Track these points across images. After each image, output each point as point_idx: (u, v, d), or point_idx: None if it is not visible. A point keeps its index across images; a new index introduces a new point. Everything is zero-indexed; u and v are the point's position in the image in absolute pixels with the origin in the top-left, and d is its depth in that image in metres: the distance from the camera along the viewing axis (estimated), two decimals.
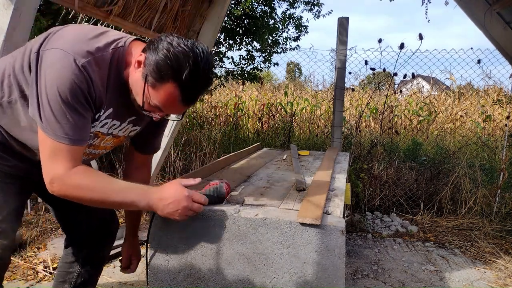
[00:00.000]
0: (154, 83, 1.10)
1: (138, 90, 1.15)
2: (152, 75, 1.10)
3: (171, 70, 1.08)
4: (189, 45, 1.10)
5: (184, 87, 1.10)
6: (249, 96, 7.08)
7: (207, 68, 1.12)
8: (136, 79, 1.15)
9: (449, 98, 7.23)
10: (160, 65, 1.08)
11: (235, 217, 1.31)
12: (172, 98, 1.12)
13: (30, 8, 1.56)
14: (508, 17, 3.04)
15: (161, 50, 1.09)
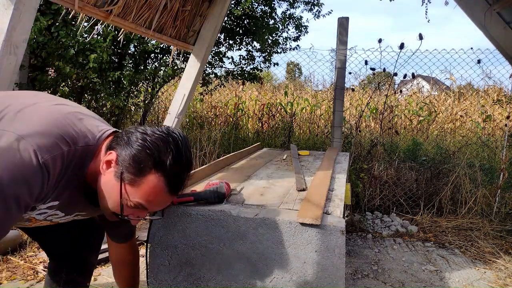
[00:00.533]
0: (133, 179, 0.99)
1: (112, 192, 1.01)
2: (129, 171, 0.98)
3: (152, 160, 0.98)
4: (164, 130, 1.03)
5: (169, 174, 1.00)
6: (249, 96, 7.08)
7: (187, 150, 1.05)
8: (106, 181, 1.01)
9: (449, 98, 7.23)
10: (138, 158, 0.98)
11: (235, 217, 1.31)
12: (157, 190, 1.00)
13: (30, 8, 1.56)
14: (508, 17, 3.04)
15: (135, 142, 0.99)
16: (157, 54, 4.97)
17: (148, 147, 0.98)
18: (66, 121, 1.01)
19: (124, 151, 0.99)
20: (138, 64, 4.71)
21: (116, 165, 1.00)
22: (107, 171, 1.01)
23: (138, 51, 4.63)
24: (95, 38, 3.81)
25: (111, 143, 1.03)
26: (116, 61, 4.45)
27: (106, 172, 1.01)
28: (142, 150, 0.98)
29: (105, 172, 1.01)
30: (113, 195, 1.01)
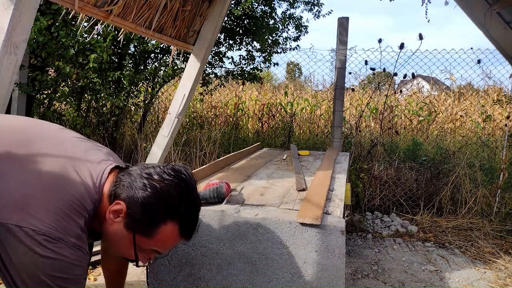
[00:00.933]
0: (146, 230, 0.95)
1: (123, 241, 0.98)
2: (141, 223, 0.94)
3: (165, 210, 0.94)
4: (172, 173, 0.97)
5: (183, 221, 0.97)
6: (249, 96, 7.08)
7: (196, 189, 1.01)
8: (116, 230, 0.97)
9: (449, 98, 7.23)
10: (150, 209, 0.93)
11: (235, 217, 1.31)
12: (172, 238, 0.98)
13: (30, 8, 1.56)
14: (508, 17, 3.04)
15: (145, 190, 0.94)
16: (157, 54, 4.97)
17: (160, 197, 0.94)
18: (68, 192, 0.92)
19: (133, 201, 0.94)
20: (138, 64, 4.71)
21: (125, 216, 0.95)
22: (115, 221, 0.96)
23: (138, 51, 4.63)
24: (95, 38, 3.81)
25: (115, 188, 0.97)
26: (116, 61, 4.45)
27: (114, 222, 0.96)
28: (154, 201, 0.93)
29: (113, 221, 0.96)
30: (123, 244, 0.98)
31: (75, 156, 1.01)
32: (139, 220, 0.94)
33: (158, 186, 0.94)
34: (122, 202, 0.94)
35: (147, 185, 0.94)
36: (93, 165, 1.01)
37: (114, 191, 0.97)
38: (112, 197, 0.97)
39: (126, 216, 0.94)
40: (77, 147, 1.06)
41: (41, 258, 0.82)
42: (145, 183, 0.95)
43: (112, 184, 0.98)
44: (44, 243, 0.82)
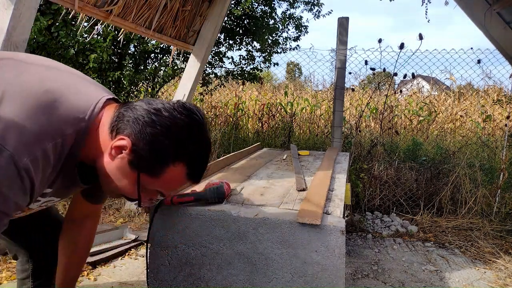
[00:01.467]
0: (152, 169, 0.89)
1: (125, 179, 0.91)
2: (147, 161, 0.87)
3: (174, 150, 0.87)
4: (184, 111, 0.89)
5: (192, 164, 0.91)
6: (249, 96, 7.08)
7: (208, 132, 0.94)
8: (117, 167, 0.90)
9: (449, 98, 7.23)
10: (158, 147, 0.86)
11: (235, 217, 1.31)
12: (178, 180, 0.93)
13: (30, 8, 1.56)
14: (508, 17, 3.04)
15: (154, 127, 0.86)
16: (157, 54, 4.97)
17: (170, 135, 0.86)
18: (48, 105, 0.83)
19: (140, 137, 0.86)
20: (138, 64, 4.72)
21: (130, 153, 0.87)
22: (118, 157, 0.88)
23: (138, 51, 4.63)
24: (95, 38, 3.81)
25: (118, 122, 0.88)
26: (116, 61, 4.46)
27: (117, 158, 0.89)
28: (163, 139, 0.86)
29: (115, 157, 0.89)
30: (126, 182, 0.91)
31: (66, 80, 0.93)
32: (145, 158, 0.87)
33: (168, 123, 0.86)
34: (126, 137, 0.87)
35: (156, 122, 0.86)
36: (87, 91, 0.93)
37: (116, 125, 0.88)
38: (115, 132, 0.88)
39: (131, 153, 0.87)
40: (71, 73, 0.98)
41: None
42: (154, 119, 0.86)
43: (114, 117, 0.89)
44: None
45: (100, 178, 0.95)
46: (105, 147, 0.90)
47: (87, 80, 1.01)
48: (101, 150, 0.90)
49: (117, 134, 0.88)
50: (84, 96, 0.91)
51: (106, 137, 0.90)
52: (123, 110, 0.90)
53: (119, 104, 0.95)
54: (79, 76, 1.00)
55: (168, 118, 0.87)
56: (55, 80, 0.90)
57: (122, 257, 2.62)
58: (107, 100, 0.94)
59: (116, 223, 3.20)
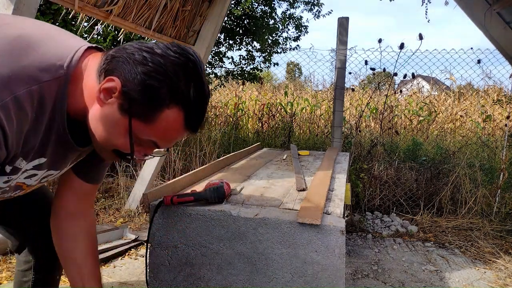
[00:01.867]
0: (146, 114, 0.79)
1: (115, 128, 0.81)
2: (140, 104, 0.78)
3: (170, 92, 0.78)
4: (178, 50, 0.80)
5: (190, 108, 0.82)
6: (249, 96, 7.08)
7: (204, 73, 0.85)
8: (106, 114, 0.80)
9: (449, 98, 7.23)
10: (152, 88, 0.77)
11: (235, 217, 1.31)
12: (175, 127, 0.83)
13: (30, 8, 1.56)
14: (508, 17, 3.04)
15: (145, 66, 0.77)
16: None
17: (164, 74, 0.77)
18: (19, 50, 0.75)
19: (130, 77, 0.77)
20: None
21: (120, 96, 0.78)
22: (107, 102, 0.79)
23: None
24: (95, 38, 3.81)
25: (105, 65, 0.80)
26: None
27: (106, 104, 0.79)
28: (157, 78, 0.77)
29: (104, 103, 0.79)
30: (117, 131, 0.81)
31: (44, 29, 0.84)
32: (137, 100, 0.77)
33: (162, 61, 0.77)
34: (115, 78, 0.77)
35: (148, 59, 0.77)
36: (65, 39, 0.84)
37: (104, 68, 0.79)
38: (103, 75, 0.79)
39: (121, 96, 0.77)
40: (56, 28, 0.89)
41: None
42: (145, 56, 0.77)
43: (102, 61, 0.81)
44: None
45: (91, 133, 0.85)
46: (93, 95, 0.81)
47: (69, 33, 0.91)
48: (89, 99, 0.82)
49: (105, 76, 0.79)
50: (63, 43, 0.83)
51: (94, 83, 0.81)
52: (113, 52, 0.81)
53: (107, 50, 0.86)
54: (61, 29, 0.91)
55: (162, 56, 0.78)
56: (32, 27, 0.82)
57: (122, 257, 2.62)
58: (89, 48, 0.86)
59: (116, 223, 3.20)
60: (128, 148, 0.83)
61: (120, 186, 3.88)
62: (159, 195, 1.44)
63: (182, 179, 1.65)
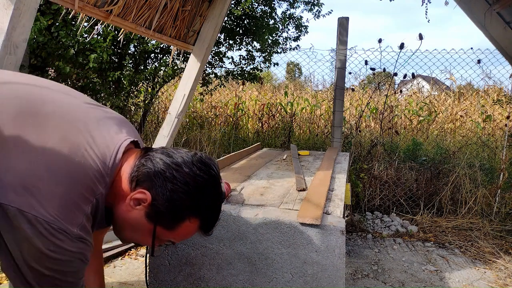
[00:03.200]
0: (168, 224, 0.92)
1: (141, 229, 0.94)
2: (166, 217, 0.90)
3: (193, 208, 0.91)
4: (202, 167, 0.92)
5: (206, 219, 0.95)
6: (249, 96, 7.08)
7: (221, 184, 0.97)
8: (134, 218, 0.92)
9: (449, 98, 7.23)
10: (176, 204, 0.89)
11: (235, 217, 1.31)
12: (192, 232, 0.96)
13: (30, 8, 1.56)
14: (508, 17, 3.04)
15: (175, 184, 0.89)
16: (157, 54, 4.97)
17: (190, 193, 0.89)
18: (75, 171, 0.84)
19: (160, 193, 0.89)
20: (138, 64, 4.72)
21: (148, 206, 0.90)
22: (136, 208, 0.91)
23: (138, 51, 4.63)
24: (95, 38, 3.81)
25: (138, 173, 0.90)
26: (116, 61, 4.46)
27: (134, 209, 0.91)
28: (183, 196, 0.89)
29: (133, 208, 0.91)
30: (141, 232, 0.94)
31: (86, 130, 0.91)
32: (164, 213, 0.90)
33: (189, 181, 0.89)
34: (147, 192, 0.89)
35: (177, 178, 0.89)
36: (106, 140, 0.92)
37: (136, 176, 0.91)
38: (134, 183, 0.90)
39: (149, 207, 0.90)
40: (89, 117, 0.95)
41: (39, 250, 0.77)
42: (175, 175, 0.89)
43: (134, 167, 0.92)
44: (45, 233, 0.76)
45: (115, 222, 0.97)
46: (123, 196, 0.92)
47: (106, 116, 1.00)
48: (119, 196, 0.92)
49: (136, 186, 0.90)
50: (106, 149, 0.91)
51: (126, 186, 0.92)
52: (144, 161, 0.92)
53: (139, 151, 0.97)
54: (97, 112, 0.99)
55: (189, 175, 0.90)
56: (75, 132, 0.89)
57: (122, 257, 2.62)
58: (128, 144, 0.96)
59: None
60: (148, 244, 0.96)
61: None
62: None
63: None
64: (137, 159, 0.93)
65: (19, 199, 0.76)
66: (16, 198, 0.76)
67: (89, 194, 0.85)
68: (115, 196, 0.93)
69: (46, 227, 0.76)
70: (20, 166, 0.79)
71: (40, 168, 0.80)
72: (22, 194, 0.77)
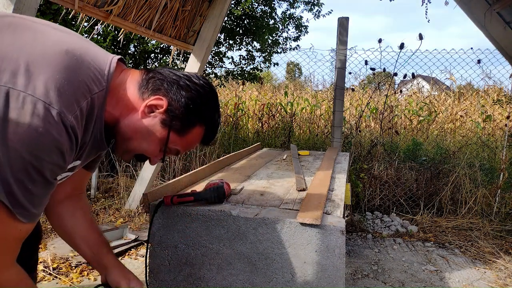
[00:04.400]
0: (181, 129, 0.97)
1: (151, 137, 0.96)
2: (179, 121, 0.96)
3: (203, 114, 0.99)
4: (205, 83, 1.00)
5: (210, 129, 1.02)
6: (249, 96, 7.07)
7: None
8: (146, 125, 0.95)
9: (449, 98, 7.23)
10: (191, 109, 0.96)
11: (235, 217, 1.31)
12: (197, 141, 1.03)
13: (30, 8, 1.56)
14: (508, 17, 3.04)
15: (189, 91, 0.96)
16: (157, 54, 4.97)
17: (202, 100, 0.97)
18: (74, 64, 0.84)
19: (176, 99, 0.94)
20: (138, 64, 4.72)
21: (164, 112, 0.94)
22: (150, 115, 0.94)
23: (138, 51, 4.63)
24: (95, 38, 3.81)
25: (148, 83, 0.95)
26: None
27: (149, 116, 0.94)
28: (198, 102, 0.97)
29: (147, 115, 0.94)
30: (151, 139, 0.97)
31: (79, 41, 0.92)
32: (178, 118, 0.95)
33: (200, 90, 0.97)
34: (163, 98, 0.94)
35: (191, 86, 0.96)
36: (98, 52, 0.93)
37: (146, 85, 0.95)
38: (148, 92, 0.94)
39: (165, 113, 0.94)
40: (79, 36, 0.98)
41: (26, 129, 0.74)
42: (188, 84, 0.96)
43: (142, 81, 0.96)
44: (38, 112, 0.75)
45: (119, 137, 0.97)
46: (133, 107, 0.94)
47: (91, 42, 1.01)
48: (128, 108, 0.95)
49: (151, 94, 0.94)
50: (96, 55, 0.92)
51: (135, 98, 0.95)
52: (152, 74, 0.97)
53: (141, 70, 1.01)
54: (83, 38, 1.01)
55: (199, 85, 0.98)
56: (68, 41, 0.90)
57: (122, 257, 2.62)
58: (118, 60, 0.97)
59: (116, 223, 3.20)
60: (155, 153, 1.01)
61: (120, 186, 3.88)
62: (159, 195, 1.44)
63: (182, 179, 1.65)
64: (143, 74, 0.97)
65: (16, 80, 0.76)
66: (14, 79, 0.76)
67: (85, 91, 0.84)
68: (122, 109, 0.94)
69: (41, 107, 0.75)
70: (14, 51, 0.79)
71: (38, 64, 0.79)
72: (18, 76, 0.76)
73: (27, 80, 0.76)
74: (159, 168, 3.31)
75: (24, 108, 0.74)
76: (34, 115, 0.74)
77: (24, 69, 0.78)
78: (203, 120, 1.00)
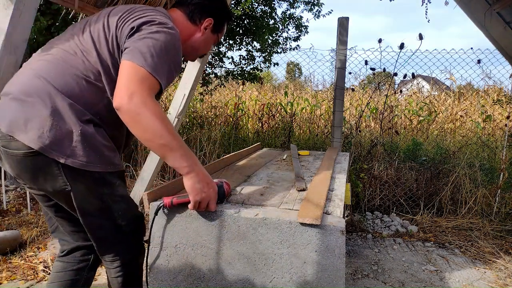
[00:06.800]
0: (220, 29, 1.58)
1: (209, 43, 1.56)
2: (220, 26, 1.56)
3: (228, 17, 1.60)
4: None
5: (227, 24, 1.64)
6: (249, 96, 7.07)
7: None
8: (205, 38, 1.53)
9: (449, 98, 7.23)
10: (224, 16, 1.56)
11: (235, 217, 1.31)
12: (223, 34, 1.63)
13: (30, 8, 1.56)
14: (508, 17, 3.04)
15: (217, 3, 1.53)
16: None
17: (225, 8, 1.58)
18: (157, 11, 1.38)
19: (214, 14, 1.51)
20: None
21: (212, 26, 1.52)
22: (206, 32, 1.52)
23: None
24: None
25: (195, 13, 1.49)
26: None
27: (205, 33, 1.52)
28: (224, 11, 1.57)
29: (204, 32, 1.52)
30: (209, 43, 1.56)
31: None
32: (219, 24, 1.56)
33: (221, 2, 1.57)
34: (208, 18, 1.51)
35: (213, 1, 1.53)
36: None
37: (192, 16, 1.49)
38: (197, 19, 1.49)
39: (213, 26, 1.53)
40: None
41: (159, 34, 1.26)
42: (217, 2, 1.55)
43: (187, 14, 1.49)
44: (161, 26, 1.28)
45: (188, 51, 1.56)
46: (193, 31, 1.51)
47: None
48: (189, 33, 1.50)
49: (200, 19, 1.50)
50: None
51: (189, 25, 1.49)
52: (188, 5, 1.50)
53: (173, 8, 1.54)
54: None
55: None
56: None
57: None
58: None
59: None
60: (208, 49, 1.61)
61: None
62: (159, 195, 1.44)
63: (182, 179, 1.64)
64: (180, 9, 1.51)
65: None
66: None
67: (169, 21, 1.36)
68: (183, 36, 1.45)
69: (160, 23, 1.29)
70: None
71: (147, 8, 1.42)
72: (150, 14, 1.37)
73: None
74: (159, 168, 3.31)
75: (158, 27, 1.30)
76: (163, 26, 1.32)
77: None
78: (228, 17, 1.59)
